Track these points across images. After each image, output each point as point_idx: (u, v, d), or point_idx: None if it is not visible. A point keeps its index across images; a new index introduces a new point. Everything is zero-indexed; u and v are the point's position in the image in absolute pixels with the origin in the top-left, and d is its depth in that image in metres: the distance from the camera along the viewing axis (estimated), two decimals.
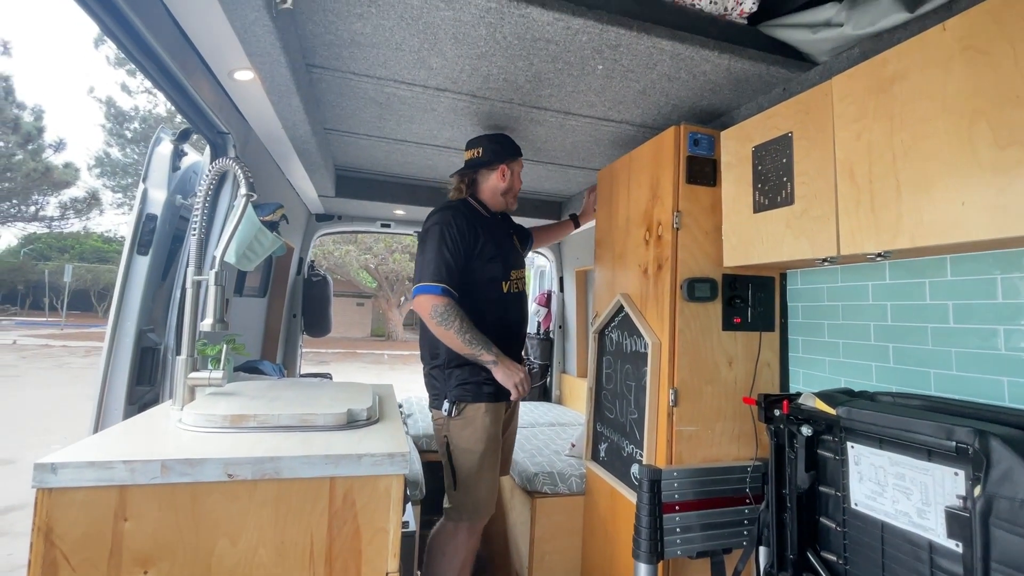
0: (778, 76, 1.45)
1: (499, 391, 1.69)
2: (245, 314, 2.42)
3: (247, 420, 1.00)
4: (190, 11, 1.08)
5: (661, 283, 1.60)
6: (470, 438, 1.64)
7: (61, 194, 20.84)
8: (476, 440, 1.63)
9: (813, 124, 1.25)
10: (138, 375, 1.50)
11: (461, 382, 1.67)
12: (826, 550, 1.19)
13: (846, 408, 1.11)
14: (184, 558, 0.81)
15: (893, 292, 1.28)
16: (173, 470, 0.80)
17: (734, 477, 1.52)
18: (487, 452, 1.65)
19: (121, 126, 23.18)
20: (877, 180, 1.07)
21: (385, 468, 0.90)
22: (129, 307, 1.50)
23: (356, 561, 0.88)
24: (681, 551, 1.44)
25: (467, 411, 1.65)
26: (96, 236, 27.07)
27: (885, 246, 1.05)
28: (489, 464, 1.66)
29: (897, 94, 1.03)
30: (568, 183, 2.66)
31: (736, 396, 1.59)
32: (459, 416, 1.65)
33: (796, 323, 1.61)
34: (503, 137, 1.84)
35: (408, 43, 1.33)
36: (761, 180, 1.41)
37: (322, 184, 2.40)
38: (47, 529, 0.75)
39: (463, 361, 1.66)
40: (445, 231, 1.65)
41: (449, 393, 1.67)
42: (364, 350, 16.55)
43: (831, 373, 1.46)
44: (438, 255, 1.62)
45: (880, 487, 1.06)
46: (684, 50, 1.32)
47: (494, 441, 1.68)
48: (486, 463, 1.65)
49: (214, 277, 1.16)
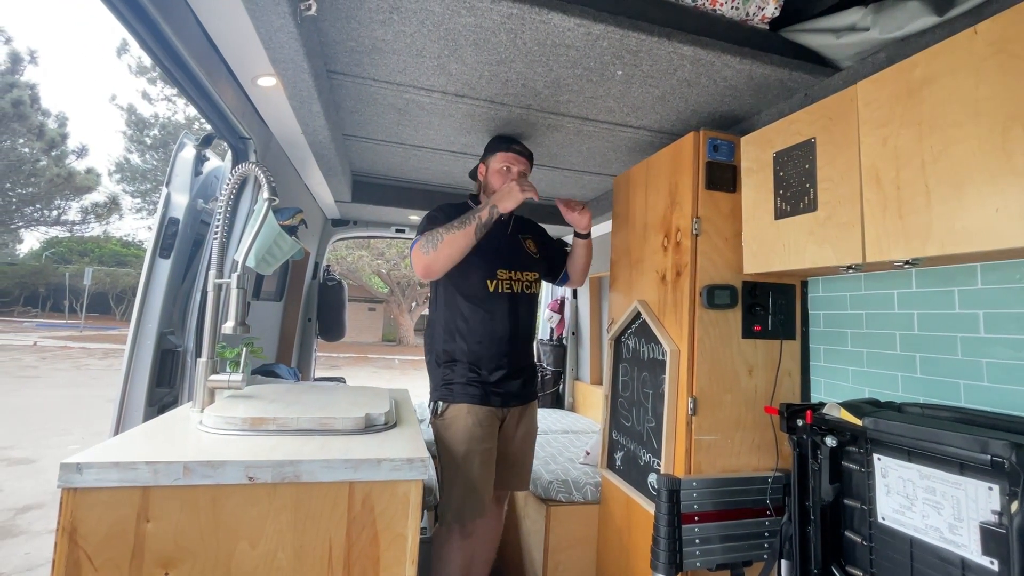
0: (800, 81, 1.44)
1: (486, 393, 1.64)
2: (262, 317, 2.45)
3: (266, 423, 1.00)
4: (218, 17, 1.10)
5: (680, 290, 1.58)
6: (452, 439, 1.61)
7: (83, 199, 21.34)
8: (458, 441, 1.60)
9: (837, 130, 1.23)
10: (158, 377, 1.52)
11: (445, 382, 1.67)
12: (851, 565, 1.16)
13: (873, 419, 1.08)
14: (204, 560, 0.81)
15: (920, 300, 1.25)
16: (195, 472, 0.81)
17: (754, 488, 1.49)
18: (469, 454, 1.60)
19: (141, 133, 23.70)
20: (905, 186, 1.05)
21: (404, 473, 0.89)
22: (151, 310, 1.52)
23: (374, 567, 0.88)
24: (700, 563, 1.41)
25: (449, 411, 1.64)
26: (116, 240, 27.63)
27: (914, 253, 1.03)
28: (469, 466, 1.60)
29: (926, 99, 1.02)
30: (584, 189, 2.66)
31: (756, 405, 1.56)
32: (442, 416, 1.65)
33: (818, 331, 1.58)
34: (495, 136, 1.86)
35: (429, 49, 1.34)
36: (782, 186, 1.39)
37: (339, 189, 2.43)
38: (71, 529, 0.76)
39: (448, 358, 1.68)
40: (426, 217, 1.74)
41: (434, 392, 1.70)
42: (375, 355, 16.62)
43: (855, 383, 1.43)
44: (419, 230, 1.71)
45: (909, 501, 1.04)
46: (705, 55, 1.31)
47: (479, 443, 1.61)
48: (468, 465, 1.59)
49: (236, 280, 1.17)
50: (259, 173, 1.20)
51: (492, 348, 1.69)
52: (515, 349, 1.75)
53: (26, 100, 17.10)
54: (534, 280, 1.84)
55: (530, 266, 1.83)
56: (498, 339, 1.70)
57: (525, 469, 1.84)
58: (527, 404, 1.82)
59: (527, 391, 1.80)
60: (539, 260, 1.89)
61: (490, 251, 1.72)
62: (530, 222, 1.97)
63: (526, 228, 1.93)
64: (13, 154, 18.20)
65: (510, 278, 1.75)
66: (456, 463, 1.60)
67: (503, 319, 1.71)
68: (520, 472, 1.82)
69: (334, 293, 3.21)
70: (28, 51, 17.87)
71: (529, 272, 1.82)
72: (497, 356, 1.69)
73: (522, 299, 1.78)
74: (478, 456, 1.61)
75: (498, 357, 1.69)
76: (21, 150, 18.37)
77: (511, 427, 1.78)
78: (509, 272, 1.75)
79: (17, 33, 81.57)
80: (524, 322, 1.79)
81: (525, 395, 1.79)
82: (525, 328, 1.80)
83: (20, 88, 17.12)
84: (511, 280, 1.75)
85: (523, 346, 1.80)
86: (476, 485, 1.61)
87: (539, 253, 1.90)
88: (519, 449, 1.80)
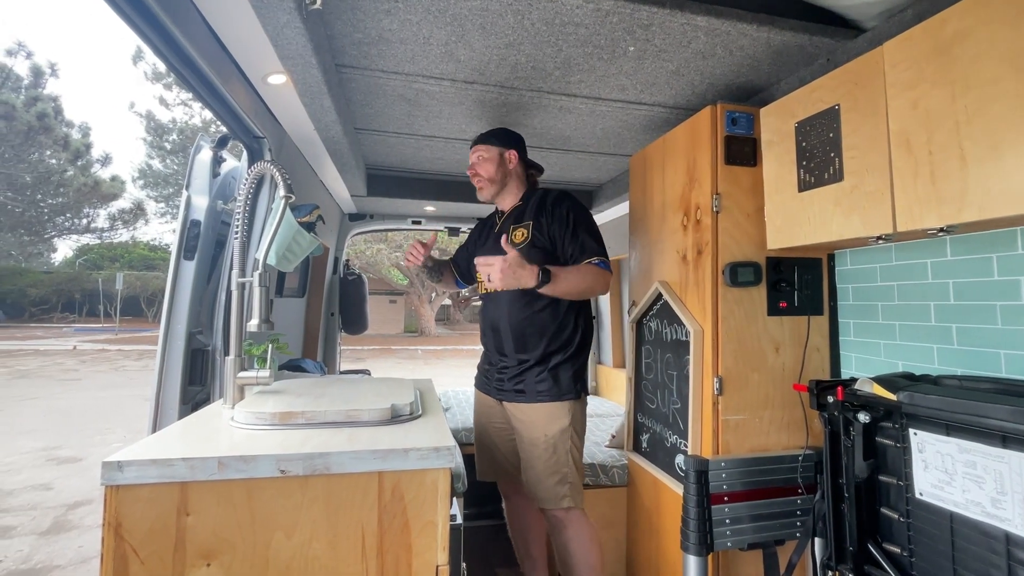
0: (821, 46, 1.38)
1: (478, 377, 1.88)
2: (286, 314, 2.49)
3: (295, 417, 1.02)
4: (225, 17, 1.10)
5: (701, 269, 1.55)
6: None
7: (110, 206, 22.02)
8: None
9: (862, 94, 1.18)
10: (190, 376, 1.56)
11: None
12: (888, 541, 1.14)
13: (908, 393, 1.05)
14: (243, 551, 0.83)
15: (956, 269, 1.20)
16: (229, 466, 0.83)
17: (784, 467, 1.47)
18: (473, 428, 1.88)
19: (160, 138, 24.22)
20: (938, 150, 1.00)
21: (432, 462, 0.90)
22: (179, 311, 1.56)
23: (407, 554, 0.89)
24: (731, 543, 1.40)
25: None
26: (143, 244, 28.46)
27: (949, 220, 0.98)
28: (474, 438, 1.88)
29: (959, 56, 0.96)
30: (598, 171, 2.62)
31: (784, 383, 1.53)
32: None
33: (847, 306, 1.54)
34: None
35: (436, 36, 1.32)
36: (806, 157, 1.34)
37: (354, 184, 2.44)
38: (116, 524, 0.79)
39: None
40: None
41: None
42: (398, 346, 16.84)
43: (887, 357, 1.39)
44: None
45: (948, 476, 1.01)
46: (720, 25, 1.26)
47: (476, 422, 1.86)
48: (474, 437, 1.87)
49: (258, 279, 1.19)
50: (275, 171, 1.21)
51: (484, 342, 1.82)
52: (498, 340, 1.70)
53: (50, 112, 17.60)
54: None
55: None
56: (484, 333, 1.80)
57: (528, 464, 1.64)
58: (521, 403, 1.65)
59: (518, 388, 1.65)
60: (524, 248, 1.61)
61: (481, 253, 1.64)
62: (542, 205, 1.65)
63: (524, 217, 1.69)
64: (42, 166, 18.82)
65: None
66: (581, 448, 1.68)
67: (487, 315, 1.77)
68: (525, 464, 1.65)
69: (355, 287, 3.25)
70: (49, 64, 18.36)
71: None
72: (486, 349, 1.82)
73: (493, 296, 1.70)
74: (477, 434, 1.87)
75: (487, 350, 1.82)
76: (49, 161, 18.98)
77: (510, 419, 1.70)
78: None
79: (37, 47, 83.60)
80: (504, 315, 1.66)
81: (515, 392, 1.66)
82: (504, 321, 1.66)
83: (44, 101, 17.62)
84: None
85: (502, 336, 1.68)
86: (479, 457, 1.86)
87: (529, 240, 1.64)
88: (522, 442, 1.66)
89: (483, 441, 1.82)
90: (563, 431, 1.59)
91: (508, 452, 1.75)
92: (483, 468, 1.82)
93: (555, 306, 1.64)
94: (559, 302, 1.63)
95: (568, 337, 1.65)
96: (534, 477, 1.61)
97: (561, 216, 1.61)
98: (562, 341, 1.64)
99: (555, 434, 1.58)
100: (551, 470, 1.58)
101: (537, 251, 1.61)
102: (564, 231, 1.60)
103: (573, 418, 1.61)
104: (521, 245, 1.64)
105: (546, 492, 1.58)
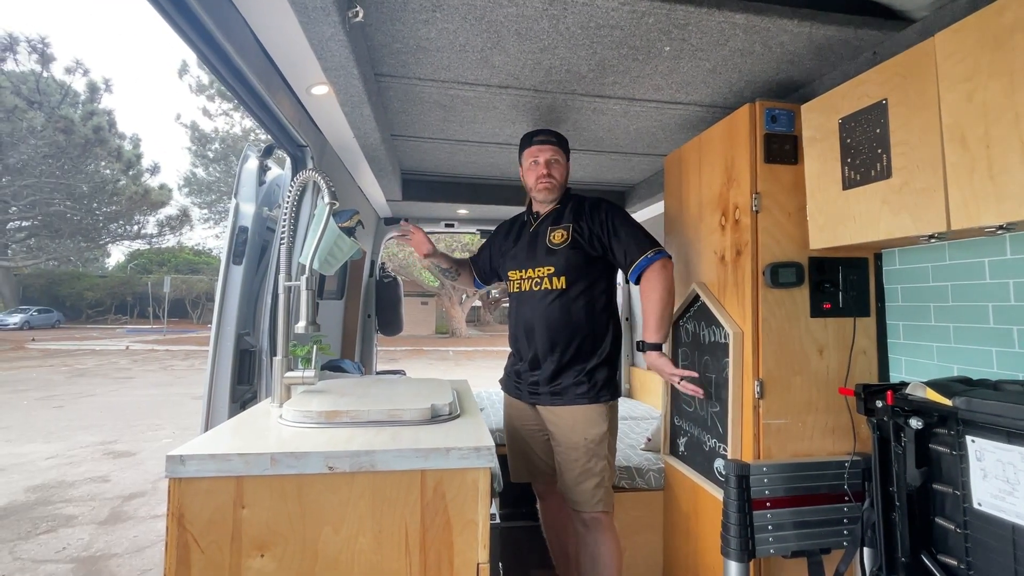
0: (867, 39, 1.33)
1: (505, 381, 1.85)
2: (325, 316, 2.57)
3: (340, 416, 1.06)
4: (273, 32, 1.15)
5: (741, 270, 1.52)
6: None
7: (158, 213, 23.18)
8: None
9: (912, 88, 1.13)
10: (238, 375, 1.64)
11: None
12: (943, 553, 1.09)
13: (965, 399, 1.00)
14: (294, 544, 0.87)
15: (1017, 268, 1.14)
16: (281, 462, 0.87)
17: (830, 473, 1.43)
18: (504, 431, 1.88)
19: (204, 147, 25.32)
20: (996, 144, 0.96)
21: (472, 461, 0.92)
22: (228, 313, 1.64)
23: (448, 551, 0.91)
24: (774, 550, 1.37)
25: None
26: (188, 249, 29.83)
27: (1009, 217, 0.94)
28: (506, 441, 1.85)
29: (1018, 45, 0.92)
30: (632, 171, 2.60)
31: (829, 387, 1.49)
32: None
33: (895, 307, 1.48)
34: (522, 136, 1.80)
35: (472, 43, 1.34)
36: (850, 154, 1.30)
37: (390, 188, 2.49)
38: (179, 515, 0.84)
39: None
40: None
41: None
42: (429, 347, 17.06)
43: (940, 360, 1.33)
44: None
45: (1010, 486, 0.96)
46: (759, 22, 1.24)
47: (508, 425, 1.85)
48: (506, 439, 1.85)
49: (305, 282, 1.24)
50: (319, 179, 1.26)
51: (512, 343, 1.80)
52: (529, 343, 1.69)
53: (105, 126, 18.66)
54: (547, 275, 1.66)
55: (544, 261, 1.68)
56: (515, 336, 1.78)
57: (564, 468, 1.65)
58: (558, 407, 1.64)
59: (555, 391, 1.65)
60: (564, 250, 1.65)
61: (509, 256, 1.82)
62: (580, 210, 1.69)
63: (563, 219, 1.70)
64: (97, 176, 19.97)
65: (520, 277, 1.74)
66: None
67: (518, 315, 1.75)
68: (561, 470, 1.66)
69: (391, 289, 3.31)
70: (103, 80, 19.47)
71: (542, 267, 1.68)
72: (516, 351, 1.79)
73: (527, 297, 1.70)
74: (508, 437, 1.86)
75: (517, 352, 1.78)
76: (103, 172, 20.13)
77: (543, 422, 1.71)
78: (520, 272, 1.75)
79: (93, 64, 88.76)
80: (539, 315, 1.66)
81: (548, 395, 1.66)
82: (540, 321, 1.65)
83: (99, 115, 18.70)
84: (520, 279, 1.74)
85: (536, 338, 1.67)
86: (512, 462, 1.84)
87: (569, 241, 1.66)
88: (558, 446, 1.66)
89: (516, 443, 1.81)
90: (602, 435, 1.59)
91: (543, 453, 1.75)
92: (517, 470, 1.82)
93: (591, 306, 1.65)
94: (594, 302, 1.65)
95: (602, 338, 1.66)
96: (571, 480, 1.60)
97: (601, 220, 1.65)
98: (596, 342, 1.65)
99: (595, 437, 1.59)
100: (589, 473, 1.58)
101: (576, 252, 1.65)
102: (607, 235, 1.64)
103: (610, 421, 1.62)
104: (561, 245, 1.67)
105: (582, 495, 1.58)
